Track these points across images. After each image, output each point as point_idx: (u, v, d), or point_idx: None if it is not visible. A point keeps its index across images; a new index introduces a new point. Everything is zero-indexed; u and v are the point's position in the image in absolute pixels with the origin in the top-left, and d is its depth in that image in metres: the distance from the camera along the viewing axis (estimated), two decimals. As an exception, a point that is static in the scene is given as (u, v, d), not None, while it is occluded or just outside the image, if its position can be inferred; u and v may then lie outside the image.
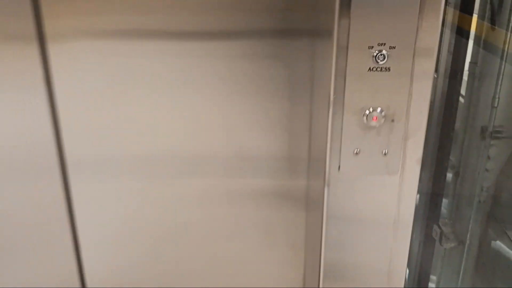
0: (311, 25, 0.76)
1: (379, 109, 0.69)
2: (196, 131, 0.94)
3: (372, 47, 0.66)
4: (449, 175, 2.39)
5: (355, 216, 0.77)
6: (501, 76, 2.11)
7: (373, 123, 0.70)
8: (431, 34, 0.65)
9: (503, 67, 2.10)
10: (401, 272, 0.82)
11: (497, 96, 2.12)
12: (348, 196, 0.76)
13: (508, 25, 2.04)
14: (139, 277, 1.16)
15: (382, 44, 0.66)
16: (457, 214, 2.43)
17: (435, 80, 2.33)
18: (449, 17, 2.16)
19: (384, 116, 0.69)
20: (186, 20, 0.86)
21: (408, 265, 2.51)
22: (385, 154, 0.72)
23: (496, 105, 2.14)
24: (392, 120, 0.70)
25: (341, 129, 0.71)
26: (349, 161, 0.73)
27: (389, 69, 0.67)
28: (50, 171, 1.06)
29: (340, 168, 0.74)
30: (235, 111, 0.87)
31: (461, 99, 2.30)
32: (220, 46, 0.84)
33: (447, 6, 2.18)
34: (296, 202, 0.89)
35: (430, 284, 2.50)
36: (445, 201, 2.44)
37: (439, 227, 2.39)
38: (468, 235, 2.39)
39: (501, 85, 2.12)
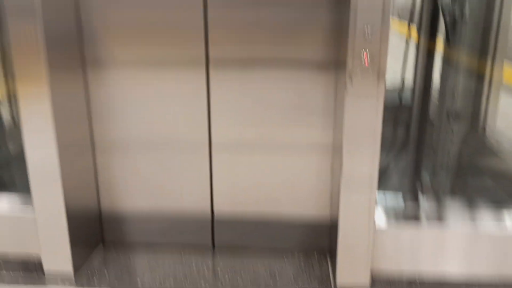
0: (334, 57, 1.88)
1: (368, 53, 1.79)
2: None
3: (364, 26, 1.76)
4: (427, 146, 3.23)
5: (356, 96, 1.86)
6: (458, 75, 3.12)
7: (366, 60, 1.79)
8: (386, 25, 1.76)
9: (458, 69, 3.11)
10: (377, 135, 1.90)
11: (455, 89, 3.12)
12: (354, 96, 1.85)
13: (460, 43, 3.06)
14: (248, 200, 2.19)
15: (367, 25, 1.76)
16: (433, 173, 3.35)
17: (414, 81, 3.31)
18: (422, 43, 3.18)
19: (369, 56, 1.79)
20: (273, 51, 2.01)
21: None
22: (371, 72, 1.81)
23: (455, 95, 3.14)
24: (373, 59, 1.80)
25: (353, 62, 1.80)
26: (357, 77, 1.82)
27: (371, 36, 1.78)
28: (203, 147, 2.12)
29: (353, 81, 1.83)
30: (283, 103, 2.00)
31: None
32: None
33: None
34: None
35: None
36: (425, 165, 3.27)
37: (421, 182, 3.28)
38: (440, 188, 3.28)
39: (458, 81, 3.12)
